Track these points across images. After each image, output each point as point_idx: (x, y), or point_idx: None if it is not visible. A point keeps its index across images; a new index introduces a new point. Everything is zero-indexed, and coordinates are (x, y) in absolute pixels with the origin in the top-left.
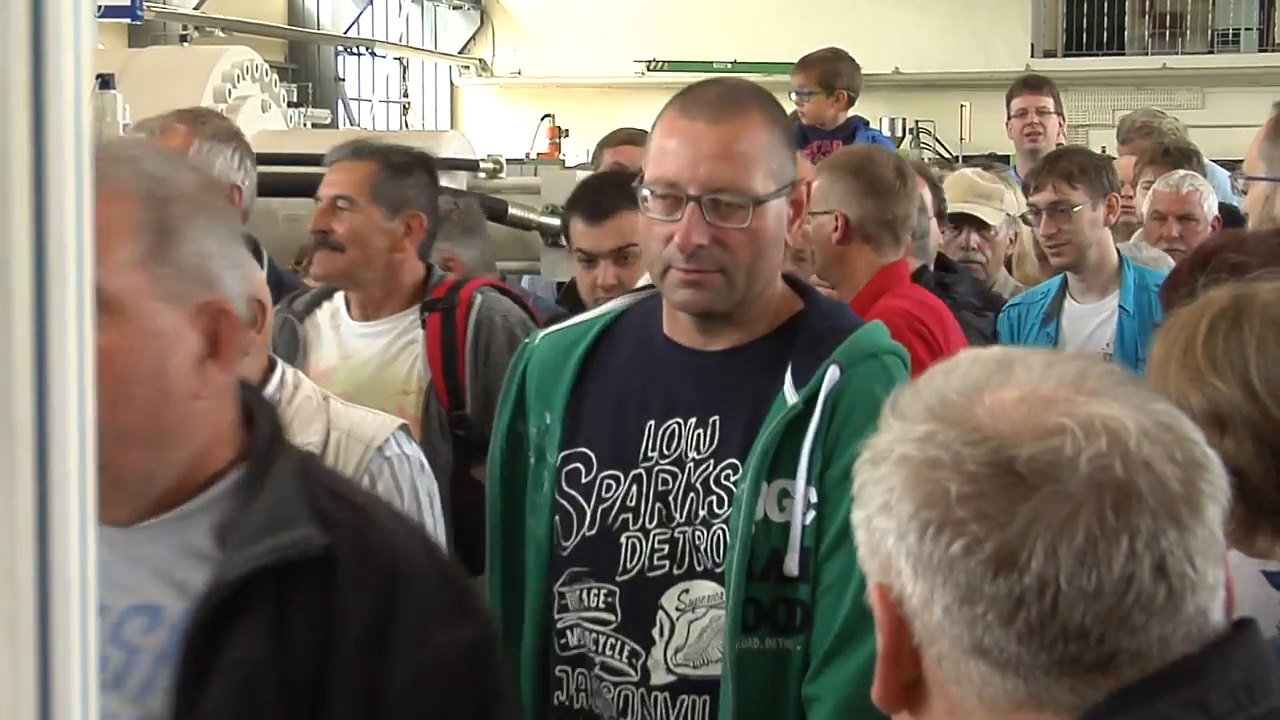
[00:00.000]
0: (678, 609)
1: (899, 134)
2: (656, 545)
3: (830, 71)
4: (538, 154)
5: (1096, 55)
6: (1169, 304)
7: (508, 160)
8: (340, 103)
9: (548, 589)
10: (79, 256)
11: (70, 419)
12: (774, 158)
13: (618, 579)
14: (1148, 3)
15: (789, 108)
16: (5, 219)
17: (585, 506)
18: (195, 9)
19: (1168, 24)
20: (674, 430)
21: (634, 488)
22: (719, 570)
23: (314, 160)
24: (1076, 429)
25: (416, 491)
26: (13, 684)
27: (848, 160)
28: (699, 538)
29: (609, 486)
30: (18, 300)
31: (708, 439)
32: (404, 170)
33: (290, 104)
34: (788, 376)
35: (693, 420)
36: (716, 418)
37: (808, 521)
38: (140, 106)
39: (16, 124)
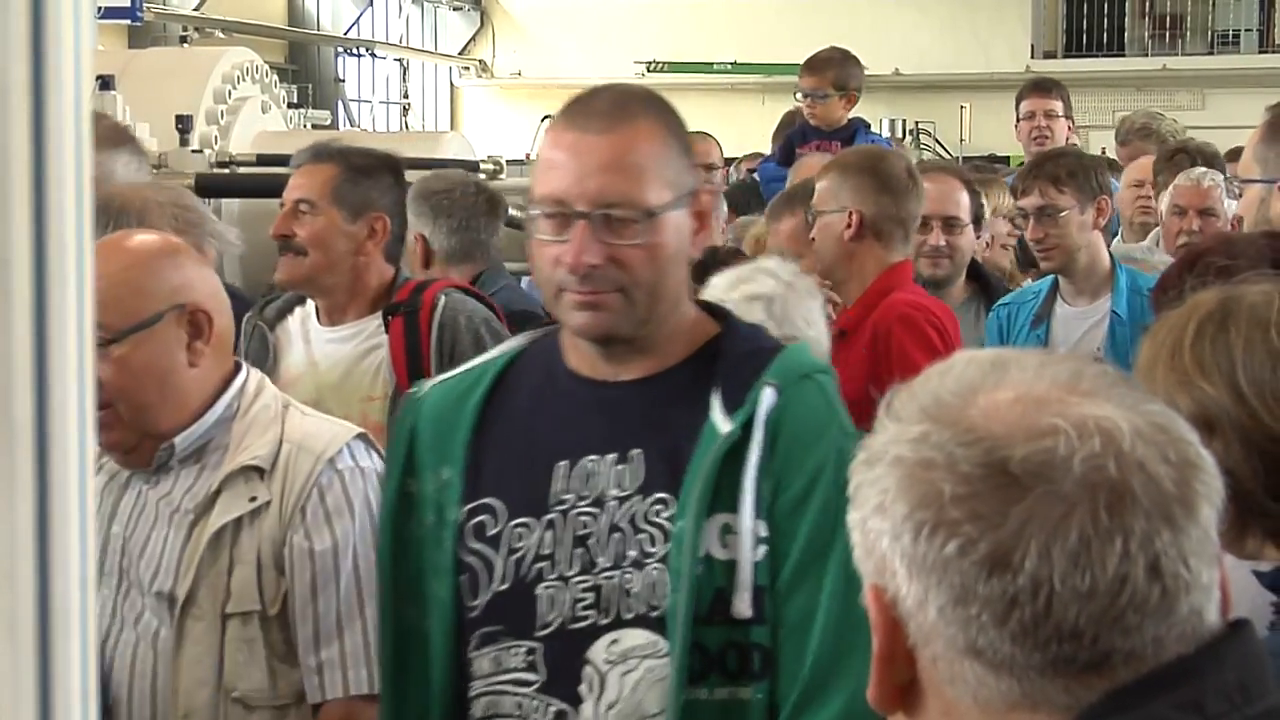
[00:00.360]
0: (607, 661)
1: (899, 135)
2: (579, 594)
3: (843, 73)
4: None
5: (1096, 56)
6: (1158, 307)
7: (508, 161)
8: (340, 104)
9: (458, 657)
10: (79, 256)
11: (70, 419)
12: (669, 166)
13: (537, 634)
14: (1148, 4)
15: (792, 107)
16: (5, 219)
17: (493, 560)
18: (195, 10)
19: (1168, 25)
20: (590, 468)
21: (548, 534)
22: (654, 615)
23: None
24: (1070, 430)
25: (369, 505)
26: (13, 684)
27: (859, 159)
28: (629, 581)
29: (519, 535)
30: (18, 300)
31: (630, 475)
32: (366, 172)
33: (290, 105)
34: (715, 403)
35: (611, 456)
36: (638, 451)
37: (759, 557)
38: (140, 107)
39: (16, 124)
